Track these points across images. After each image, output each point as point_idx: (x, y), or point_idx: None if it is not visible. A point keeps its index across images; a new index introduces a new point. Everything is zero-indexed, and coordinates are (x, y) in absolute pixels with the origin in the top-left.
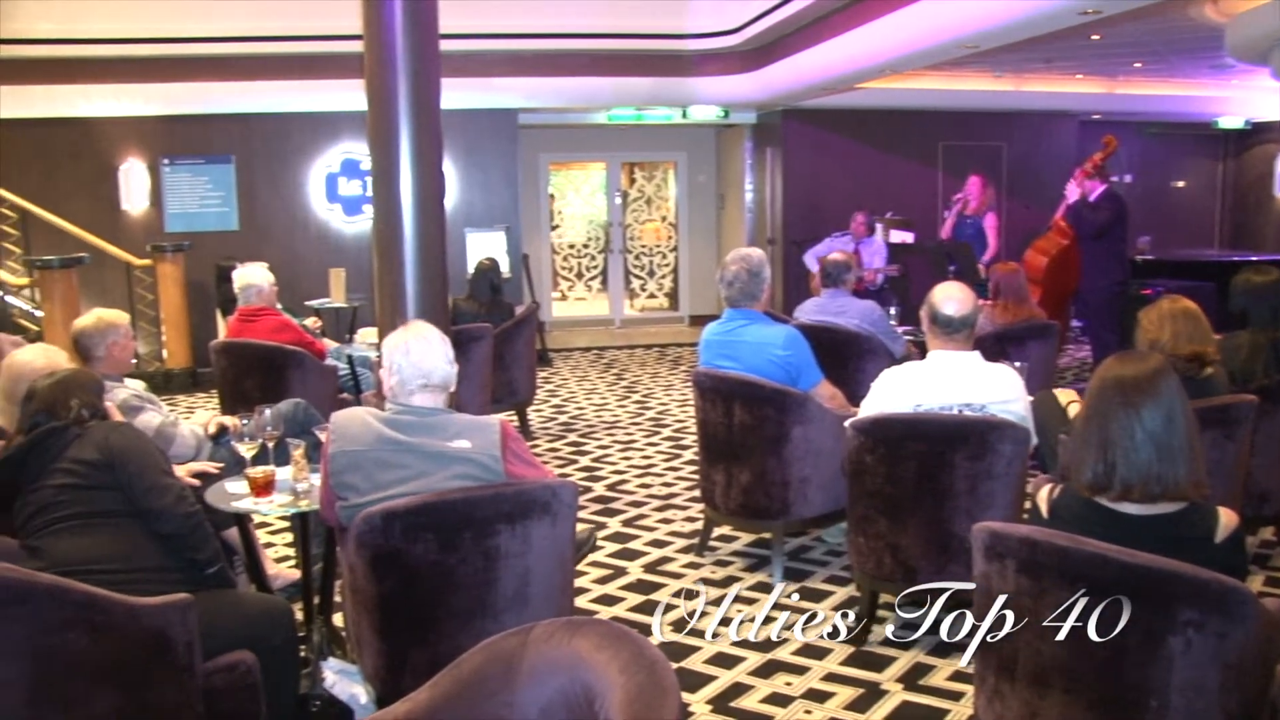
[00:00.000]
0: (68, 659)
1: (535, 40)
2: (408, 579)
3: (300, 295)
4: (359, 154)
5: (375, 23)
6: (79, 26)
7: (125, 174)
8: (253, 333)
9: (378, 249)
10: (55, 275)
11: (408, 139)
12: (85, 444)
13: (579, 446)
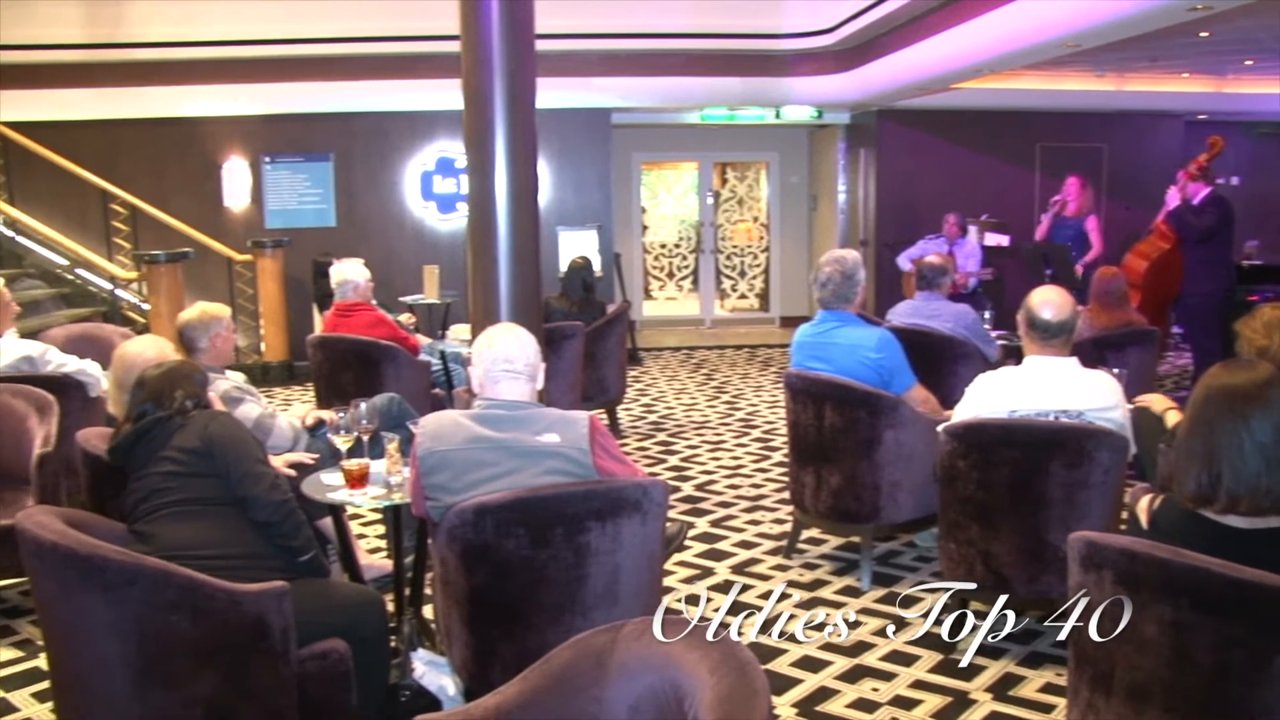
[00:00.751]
0: (171, 640)
1: (630, 40)
2: (498, 573)
3: (395, 291)
4: (454, 152)
5: (472, 23)
6: (188, 30)
7: (228, 172)
8: (348, 327)
9: (472, 246)
10: (161, 270)
11: (503, 138)
12: (188, 433)
13: (668, 446)
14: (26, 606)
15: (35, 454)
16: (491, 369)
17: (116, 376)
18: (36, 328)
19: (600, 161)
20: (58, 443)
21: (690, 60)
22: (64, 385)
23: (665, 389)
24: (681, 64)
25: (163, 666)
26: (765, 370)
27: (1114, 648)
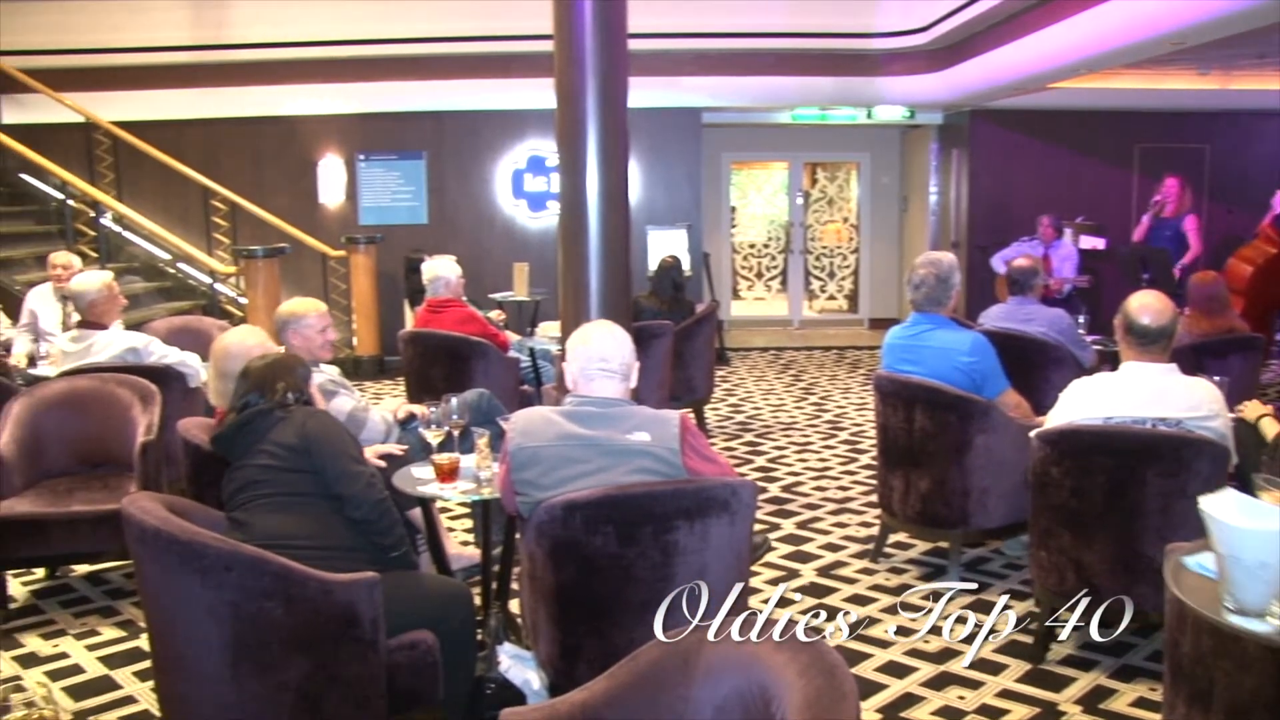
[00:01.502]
0: (265, 626)
1: (721, 40)
2: (585, 570)
3: (485, 288)
4: (545, 151)
5: (565, 23)
6: (287, 31)
7: (324, 169)
8: (439, 323)
9: (563, 244)
10: (259, 264)
11: (594, 137)
12: (286, 428)
13: (755, 446)
14: (129, 589)
15: (138, 442)
16: (587, 367)
17: (216, 365)
18: (140, 320)
19: (690, 161)
20: (159, 431)
21: (781, 60)
22: (166, 376)
23: (752, 389)
24: (772, 63)
25: (256, 651)
26: (853, 372)
27: (1213, 663)
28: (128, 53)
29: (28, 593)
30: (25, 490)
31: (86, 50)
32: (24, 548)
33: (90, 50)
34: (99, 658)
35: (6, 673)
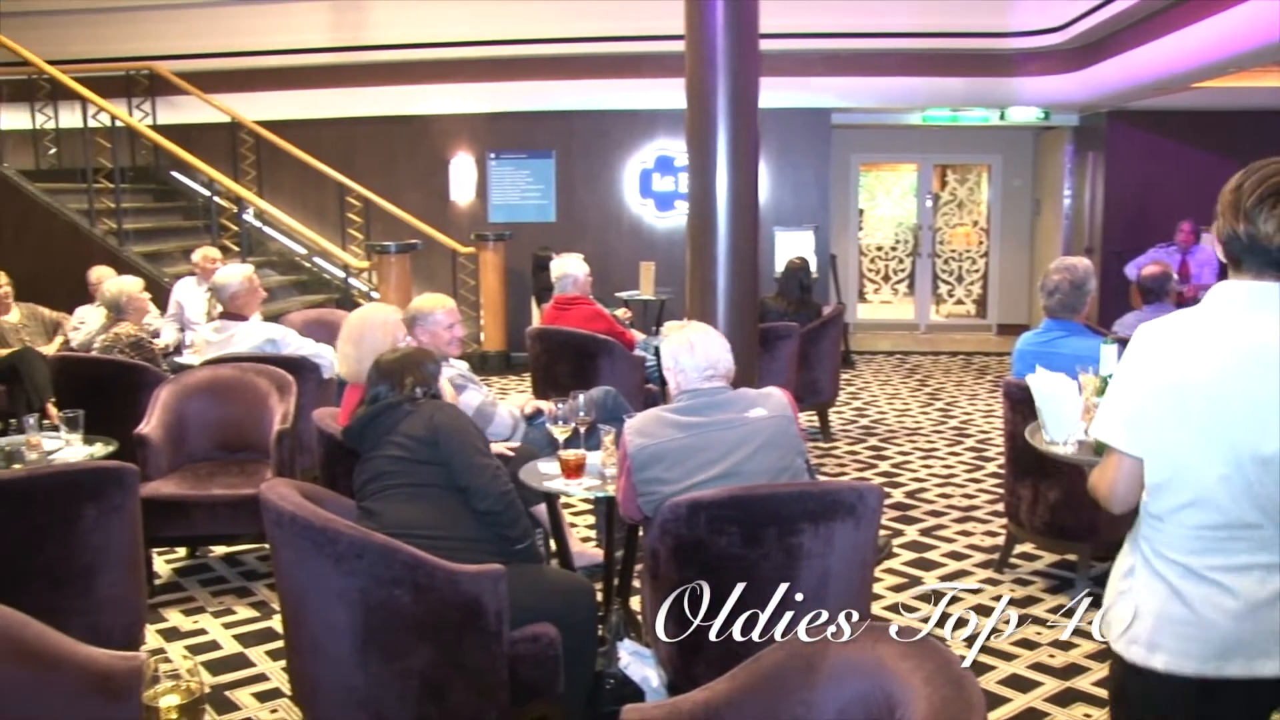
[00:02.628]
0: (393, 613)
1: (851, 40)
2: (708, 569)
3: (611, 286)
4: (674, 151)
5: (697, 23)
6: (421, 32)
7: (455, 167)
8: (567, 320)
9: (691, 244)
10: (391, 260)
11: (725, 137)
12: (415, 421)
13: (879, 451)
14: (263, 571)
15: (275, 430)
16: (696, 376)
17: (351, 335)
18: (277, 312)
19: (819, 162)
20: (294, 420)
21: (912, 60)
22: (301, 367)
23: (877, 393)
24: (903, 64)
25: (384, 637)
26: (980, 378)
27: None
28: (271, 55)
29: (170, 570)
30: (170, 473)
31: (233, 53)
32: (168, 527)
33: (236, 53)
34: (234, 635)
35: (151, 645)
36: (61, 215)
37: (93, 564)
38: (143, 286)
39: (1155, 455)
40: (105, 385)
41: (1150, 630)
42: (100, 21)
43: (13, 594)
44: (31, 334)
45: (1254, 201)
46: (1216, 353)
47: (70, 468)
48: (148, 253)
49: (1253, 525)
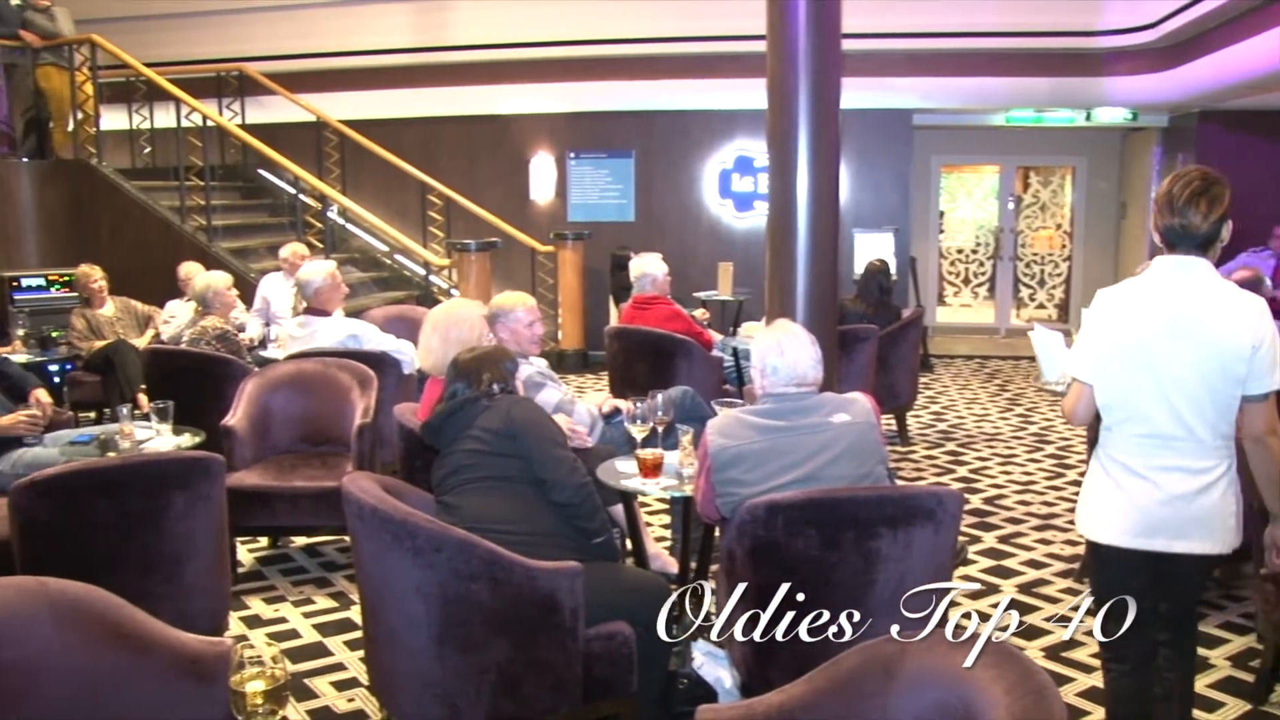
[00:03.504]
0: (470, 606)
1: (934, 39)
2: (785, 571)
3: (689, 286)
4: (753, 151)
5: (779, 23)
6: (502, 33)
7: (535, 166)
8: (645, 320)
9: (771, 245)
10: (471, 258)
11: (806, 138)
12: (492, 415)
13: (957, 456)
14: (342, 562)
15: (356, 424)
16: (782, 380)
17: (435, 327)
18: (359, 308)
19: (899, 163)
20: (374, 415)
21: (996, 60)
22: (382, 362)
23: (956, 398)
24: (987, 64)
25: (460, 630)
26: None
27: None
28: (356, 55)
29: (253, 559)
30: (254, 464)
31: (320, 54)
32: (251, 517)
33: (323, 54)
34: (313, 625)
35: (234, 631)
36: (155, 212)
37: (181, 551)
38: (230, 282)
39: (1104, 384)
40: (193, 377)
41: (1102, 514)
42: (194, 25)
43: (107, 578)
44: (125, 327)
45: (1184, 201)
46: (1151, 312)
47: (161, 457)
48: (235, 249)
49: (1176, 437)
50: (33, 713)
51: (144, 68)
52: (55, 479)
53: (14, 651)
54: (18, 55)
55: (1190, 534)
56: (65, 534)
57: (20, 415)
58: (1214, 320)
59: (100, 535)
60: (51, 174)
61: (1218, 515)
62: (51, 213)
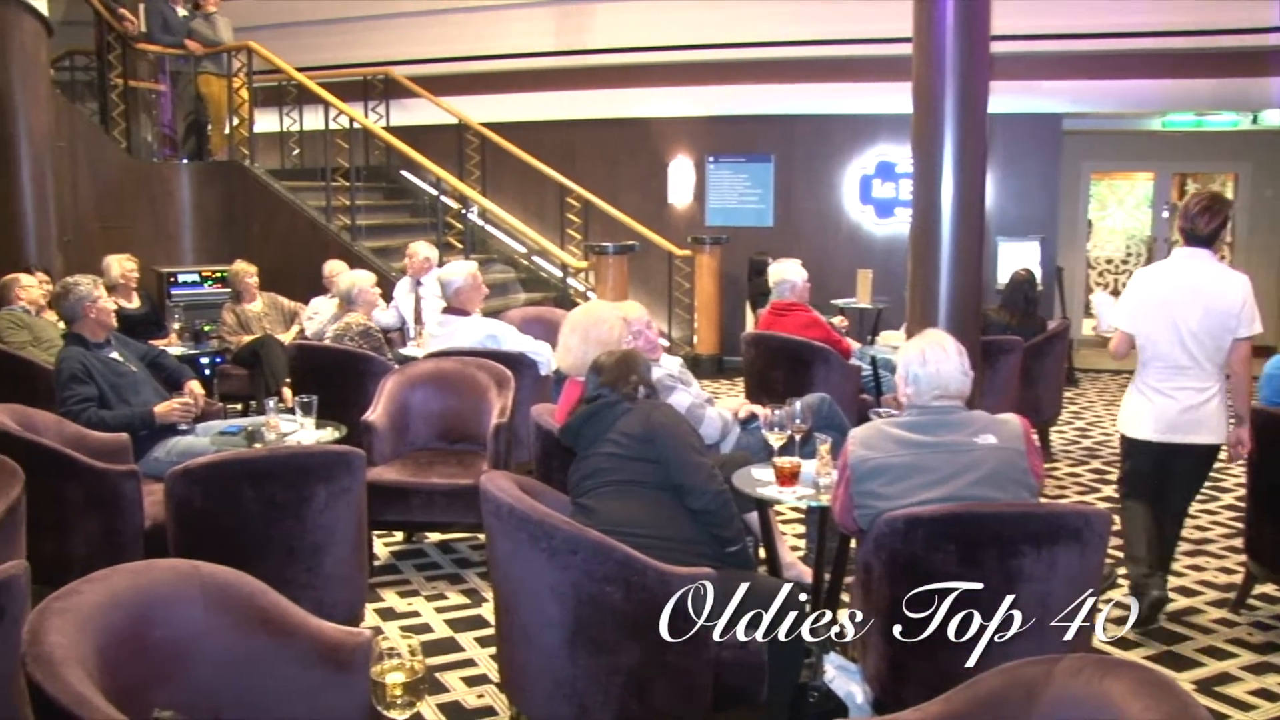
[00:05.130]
0: (603, 609)
1: (1086, 40)
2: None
3: (828, 294)
4: (895, 157)
5: (926, 25)
6: (642, 36)
7: (674, 170)
8: (783, 326)
9: (913, 253)
10: (609, 260)
11: (951, 143)
12: (632, 419)
13: (1102, 475)
14: (475, 560)
15: (493, 423)
16: (924, 392)
17: (573, 326)
18: (497, 308)
19: (1047, 170)
20: (511, 414)
21: (1152, 60)
22: (519, 363)
23: (1102, 414)
24: (1142, 65)
25: (593, 632)
26: None
27: None
28: (497, 59)
29: (389, 553)
30: (392, 459)
31: (463, 58)
32: (388, 511)
33: (466, 58)
34: (446, 620)
35: (369, 623)
36: (302, 211)
37: (322, 541)
38: (373, 280)
39: (1139, 331)
40: (335, 372)
41: (1134, 417)
42: (344, 31)
43: (252, 564)
44: (272, 322)
45: (1195, 212)
46: (1172, 283)
47: (306, 450)
48: (377, 248)
49: (1187, 367)
50: (181, 691)
51: (295, 72)
52: (207, 467)
53: (166, 631)
54: (182, 63)
55: (1197, 431)
56: (215, 520)
57: (175, 403)
58: (1214, 289)
59: (247, 523)
60: (208, 175)
61: (1214, 417)
62: (206, 212)
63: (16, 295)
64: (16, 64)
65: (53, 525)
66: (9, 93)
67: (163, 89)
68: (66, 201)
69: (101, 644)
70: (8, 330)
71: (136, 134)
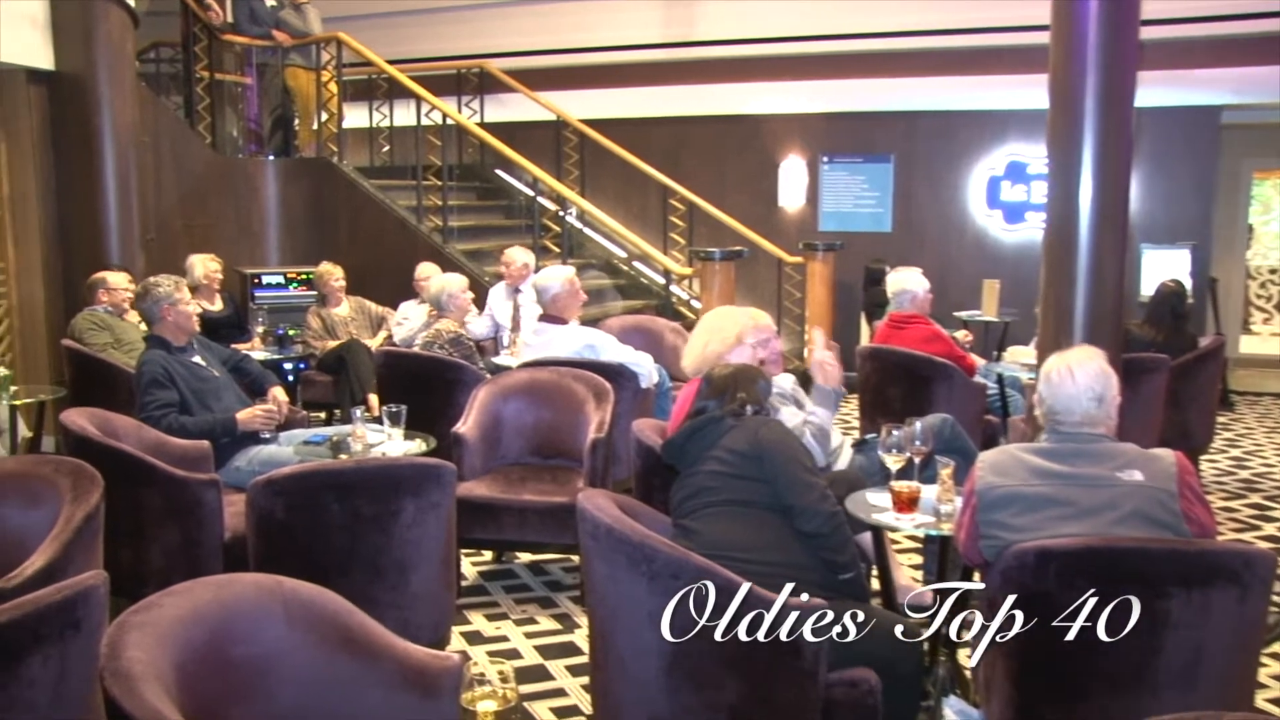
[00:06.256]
0: (705, 639)
1: (1250, 22)
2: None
3: (949, 305)
4: (1027, 156)
5: (1066, 10)
6: (755, 26)
7: (785, 171)
8: (901, 340)
9: (1047, 261)
10: (715, 267)
11: (1092, 140)
12: (738, 435)
13: (1264, 511)
14: (568, 583)
15: (589, 438)
16: (1065, 409)
17: (703, 326)
18: (596, 316)
19: (1202, 169)
20: (609, 429)
21: None
22: (618, 374)
23: (1262, 442)
24: None
25: (693, 664)
26: None
27: None
28: (599, 52)
29: (476, 573)
30: (483, 474)
31: (562, 50)
32: (477, 529)
33: (565, 50)
34: (535, 646)
35: (454, 646)
36: (391, 211)
37: (408, 558)
38: (465, 285)
39: None
40: (424, 381)
41: None
42: (437, 21)
43: (336, 580)
44: (358, 327)
45: None
46: None
47: (394, 462)
48: (469, 250)
49: None
50: (260, 711)
51: (386, 65)
52: (291, 478)
53: (247, 648)
54: (269, 55)
55: None
56: (298, 533)
57: (258, 410)
58: None
59: (331, 537)
60: (294, 172)
61: None
62: (292, 211)
63: (100, 295)
64: (103, 55)
65: (130, 534)
66: (94, 85)
67: (249, 82)
68: (149, 198)
69: (181, 660)
70: (88, 331)
71: (221, 129)
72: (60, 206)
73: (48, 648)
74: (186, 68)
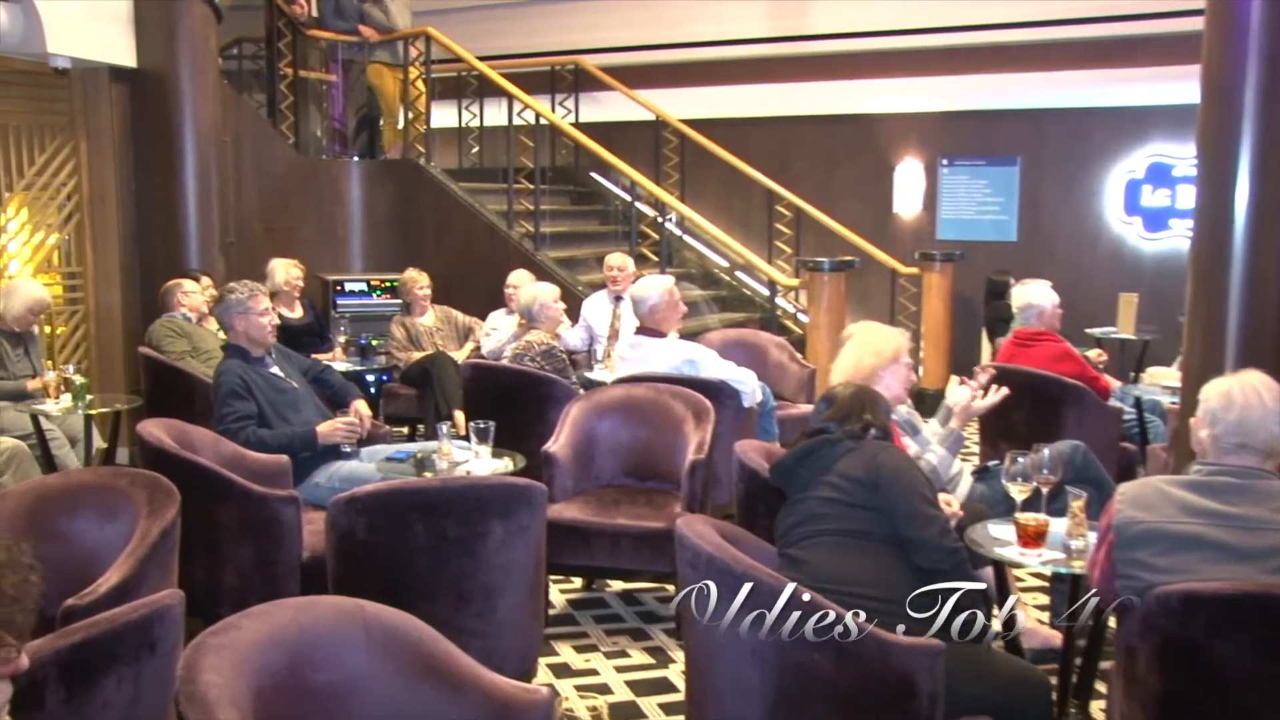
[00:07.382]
0: (810, 679)
1: None
2: (1205, 681)
3: (1082, 321)
4: (1173, 157)
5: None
6: (870, 19)
7: (901, 175)
8: (1028, 359)
9: (1194, 273)
10: (824, 278)
11: (1250, 139)
12: (854, 459)
13: None
14: (662, 614)
15: (688, 460)
16: (1222, 438)
17: (851, 337)
18: (695, 329)
19: None
20: (709, 450)
21: None
22: (720, 392)
23: None
24: None
25: (797, 705)
26: None
27: None
28: (701, 47)
29: (564, 601)
30: (574, 496)
31: (662, 46)
32: (566, 554)
33: (665, 45)
34: (626, 681)
35: (541, 679)
36: (481, 216)
37: (496, 584)
38: (558, 294)
39: None
40: (513, 396)
41: None
42: (530, 15)
43: (419, 605)
44: (444, 338)
45: None
46: None
47: (481, 481)
48: (562, 258)
49: None
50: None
51: (477, 61)
52: (374, 496)
53: (327, 674)
54: (355, 51)
55: None
56: (380, 555)
57: (339, 424)
58: None
59: (415, 559)
60: (379, 174)
61: None
62: (377, 215)
63: (178, 301)
64: (185, 52)
65: (205, 552)
66: (176, 83)
67: (334, 79)
68: (230, 201)
69: (258, 685)
70: (165, 339)
71: (305, 128)
72: (139, 209)
73: (122, 669)
74: (270, 64)
